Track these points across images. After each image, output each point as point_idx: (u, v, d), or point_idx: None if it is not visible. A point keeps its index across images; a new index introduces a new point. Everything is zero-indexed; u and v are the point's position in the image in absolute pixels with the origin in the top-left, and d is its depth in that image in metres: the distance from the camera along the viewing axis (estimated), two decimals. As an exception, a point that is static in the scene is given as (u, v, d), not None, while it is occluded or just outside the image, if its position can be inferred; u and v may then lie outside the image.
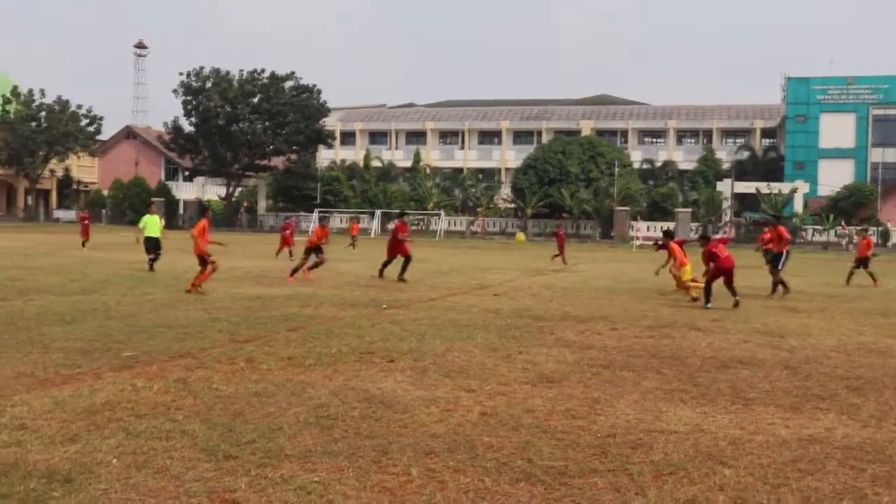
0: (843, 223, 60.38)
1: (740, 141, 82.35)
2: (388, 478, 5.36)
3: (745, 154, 77.67)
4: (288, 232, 30.50)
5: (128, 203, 72.39)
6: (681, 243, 18.37)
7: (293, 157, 73.64)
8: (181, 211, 74.60)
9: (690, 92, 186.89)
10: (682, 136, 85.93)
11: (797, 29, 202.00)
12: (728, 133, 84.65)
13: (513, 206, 73.56)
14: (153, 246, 22.23)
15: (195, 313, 13.11)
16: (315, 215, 61.40)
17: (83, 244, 31.66)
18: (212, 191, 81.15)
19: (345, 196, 72.18)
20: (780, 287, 18.40)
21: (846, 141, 72.10)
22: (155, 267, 21.50)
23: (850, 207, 64.15)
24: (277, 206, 75.66)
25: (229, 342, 10.47)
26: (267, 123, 69.05)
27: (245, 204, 78.11)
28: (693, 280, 17.03)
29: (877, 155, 70.68)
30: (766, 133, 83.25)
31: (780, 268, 18.86)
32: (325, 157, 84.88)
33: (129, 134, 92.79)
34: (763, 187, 65.15)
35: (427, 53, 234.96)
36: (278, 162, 74.61)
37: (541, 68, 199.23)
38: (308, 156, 76.44)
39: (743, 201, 69.24)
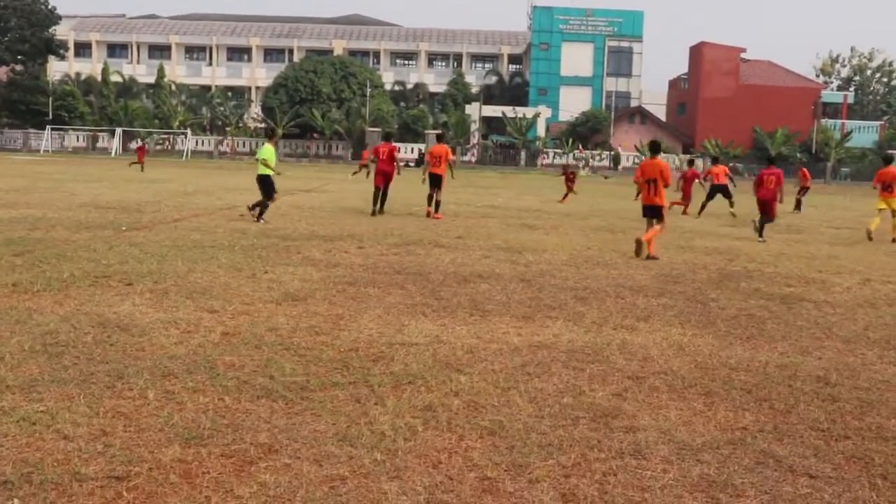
0: (580, 147, 64.36)
1: (489, 66, 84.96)
2: (122, 402, 5.13)
3: (493, 79, 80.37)
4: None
5: None
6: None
7: (18, 67, 67.26)
8: None
9: (442, 16, 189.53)
10: (433, 59, 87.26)
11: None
12: (477, 58, 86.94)
13: (263, 125, 71.86)
14: None
15: None
16: (47, 132, 56.81)
17: None
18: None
19: (80, 113, 67.34)
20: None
21: (584, 69, 76.48)
22: None
23: (587, 132, 68.48)
24: (1, 121, 69.14)
25: (-58, 267, 9.52)
26: (-16, 28, 62.57)
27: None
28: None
29: (610, 84, 75.70)
30: (513, 59, 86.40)
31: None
32: (56, 69, 78.23)
33: None
34: (509, 111, 67.98)
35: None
36: (1, 73, 67.98)
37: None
38: (36, 67, 70.18)
39: (490, 124, 71.84)
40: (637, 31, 76.67)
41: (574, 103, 72.70)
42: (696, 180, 24.38)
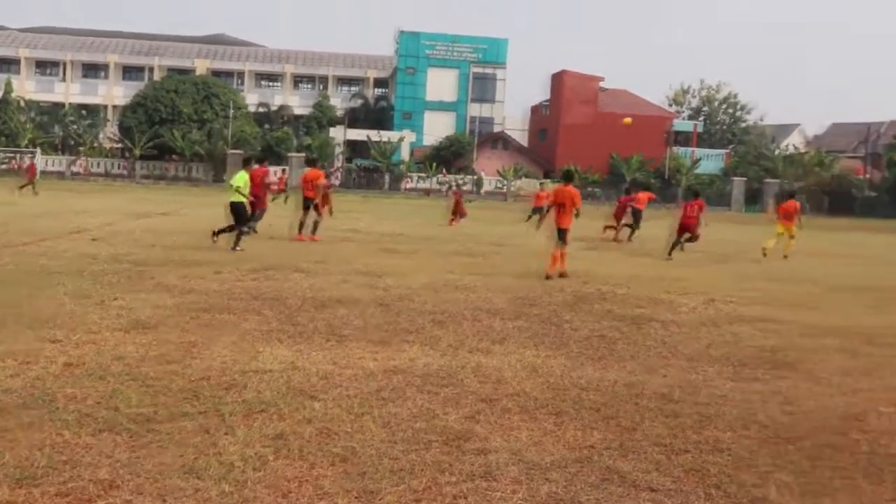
0: (444, 171, 65.10)
1: (354, 89, 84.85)
2: (-53, 441, 4.82)
3: (359, 102, 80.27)
4: None
5: None
6: None
7: None
8: None
9: (309, 38, 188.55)
10: (298, 80, 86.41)
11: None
12: (343, 81, 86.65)
13: (119, 145, 69.37)
14: None
15: None
16: None
17: None
18: None
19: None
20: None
21: (449, 95, 77.42)
22: None
23: (451, 157, 69.29)
24: None
25: None
26: None
27: None
28: None
29: (474, 109, 76.86)
30: (379, 83, 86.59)
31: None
32: None
33: None
34: (374, 135, 68.07)
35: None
36: None
37: (152, 2, 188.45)
38: None
39: (354, 148, 71.73)
40: (501, 57, 78.32)
41: (438, 128, 73.52)
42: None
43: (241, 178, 16.43)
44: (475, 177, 66.06)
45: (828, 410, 6.43)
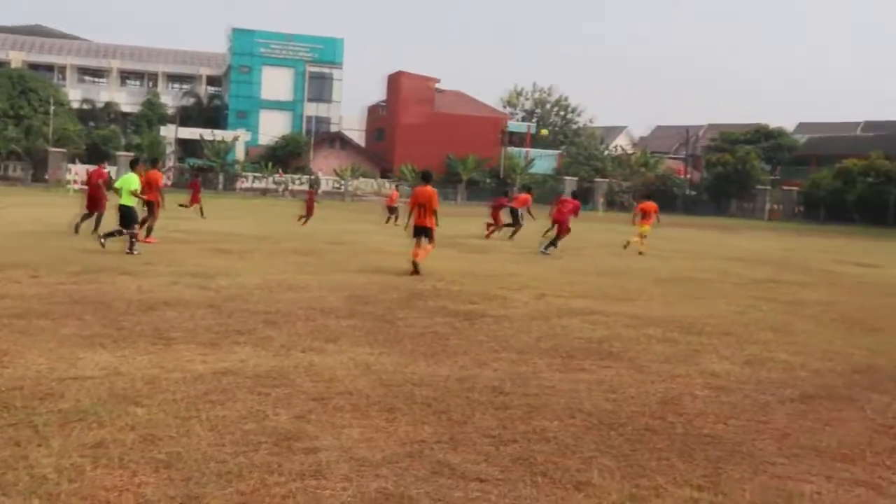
0: (280, 171, 64.12)
1: (186, 87, 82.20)
2: None
3: (191, 100, 77.86)
4: None
5: None
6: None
7: None
8: None
9: (137, 32, 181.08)
10: (126, 77, 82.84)
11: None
12: (174, 78, 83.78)
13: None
14: None
15: None
16: None
17: None
18: None
19: None
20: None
21: (285, 94, 76.31)
22: None
23: (287, 156, 68.30)
24: None
25: None
26: None
27: None
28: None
29: (310, 109, 76.16)
30: (212, 81, 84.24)
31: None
32: None
33: None
34: (207, 134, 66.20)
35: None
36: None
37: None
38: None
39: (186, 147, 69.54)
40: (337, 57, 77.85)
41: (274, 127, 72.26)
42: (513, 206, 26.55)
43: (132, 181, 16.15)
44: (312, 176, 65.36)
45: (648, 396, 6.74)
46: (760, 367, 8.08)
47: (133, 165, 17.29)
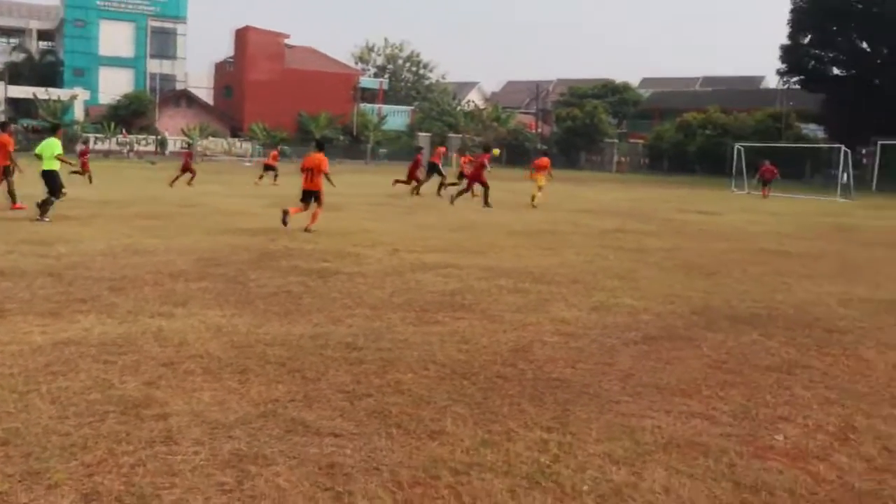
0: (123, 131, 61.42)
1: (15, 41, 77.14)
2: None
3: (21, 56, 73.22)
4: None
5: None
6: None
7: None
8: None
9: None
10: (-57, 30, 77.10)
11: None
12: (1, 31, 78.56)
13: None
14: None
15: None
16: None
17: None
18: None
19: None
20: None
21: (125, 50, 72.80)
22: None
23: (130, 116, 65.39)
24: None
25: None
26: None
27: None
28: None
29: (154, 66, 73.03)
30: (44, 35, 79.46)
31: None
32: None
33: None
34: (41, 92, 62.52)
35: None
36: None
37: None
38: None
39: (18, 107, 65.50)
40: (181, 11, 74.67)
41: (115, 86, 68.82)
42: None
43: (54, 146, 15.95)
44: (158, 136, 62.95)
45: (500, 345, 6.92)
46: (607, 313, 8.41)
47: (53, 131, 17.04)
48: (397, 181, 27.76)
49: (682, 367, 6.47)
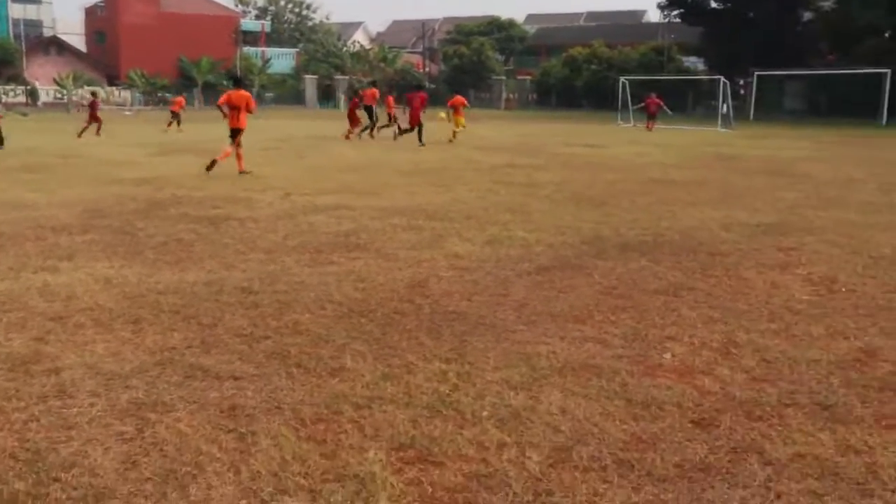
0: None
1: None
2: None
3: None
4: None
5: None
6: None
7: None
8: None
9: None
10: None
11: None
12: None
13: None
14: None
15: None
16: None
17: None
18: None
19: None
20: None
21: (-17, -4, 68.72)
22: None
23: (-3, 66, 62.03)
24: None
25: None
26: None
27: None
28: None
29: (17, 11, 69.13)
30: None
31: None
32: None
33: None
34: None
35: None
36: None
37: None
38: None
39: None
40: (43, -47, 70.93)
41: (-25, 34, 65.18)
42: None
43: None
44: (28, 87, 59.93)
45: (396, 282, 6.97)
46: (500, 246, 8.55)
47: None
48: (350, 133, 27.15)
49: (575, 294, 6.65)
